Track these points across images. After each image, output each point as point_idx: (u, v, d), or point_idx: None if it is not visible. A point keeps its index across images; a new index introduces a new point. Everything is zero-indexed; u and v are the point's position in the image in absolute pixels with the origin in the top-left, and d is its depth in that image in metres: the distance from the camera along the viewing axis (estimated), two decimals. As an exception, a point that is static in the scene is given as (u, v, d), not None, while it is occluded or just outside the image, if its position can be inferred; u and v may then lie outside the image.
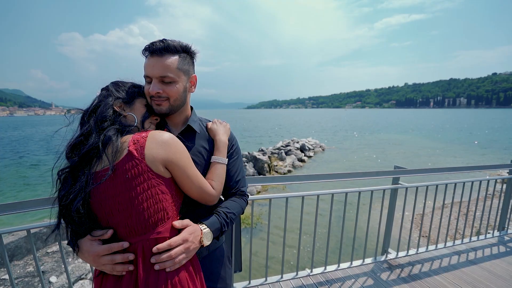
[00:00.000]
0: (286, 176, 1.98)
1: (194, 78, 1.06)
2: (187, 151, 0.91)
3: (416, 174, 2.41)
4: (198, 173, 0.93)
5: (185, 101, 1.04)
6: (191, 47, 1.02)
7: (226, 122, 1.21)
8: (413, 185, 2.47)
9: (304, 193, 2.08)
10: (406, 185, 2.43)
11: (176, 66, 0.95)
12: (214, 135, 1.12)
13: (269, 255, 2.20)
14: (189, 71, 1.02)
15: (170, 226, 0.85)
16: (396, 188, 2.42)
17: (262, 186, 11.76)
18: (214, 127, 1.14)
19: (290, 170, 14.75)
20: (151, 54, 0.94)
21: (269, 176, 1.92)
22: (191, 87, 1.07)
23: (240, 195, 1.15)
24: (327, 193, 2.15)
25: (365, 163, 15.84)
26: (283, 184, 1.96)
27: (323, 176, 2.08)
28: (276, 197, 1.99)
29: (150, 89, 0.94)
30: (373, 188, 2.34)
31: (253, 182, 1.89)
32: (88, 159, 0.79)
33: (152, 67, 0.93)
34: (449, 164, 14.83)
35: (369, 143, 25.50)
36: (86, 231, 0.81)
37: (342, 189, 2.20)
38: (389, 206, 2.54)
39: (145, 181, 0.79)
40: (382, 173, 2.33)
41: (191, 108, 1.15)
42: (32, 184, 12.91)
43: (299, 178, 2.01)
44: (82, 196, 0.75)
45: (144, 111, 0.96)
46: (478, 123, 53.71)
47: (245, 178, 1.20)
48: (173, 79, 0.95)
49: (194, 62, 1.07)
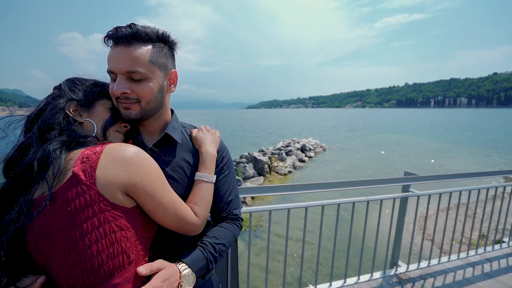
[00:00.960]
0: (286, 186, 1.78)
1: (174, 75, 0.85)
2: (159, 169, 0.70)
3: (429, 181, 2.21)
4: (174, 198, 0.72)
5: (162, 104, 0.83)
6: (169, 35, 0.80)
7: (215, 129, 1.00)
8: (425, 193, 2.27)
9: (308, 203, 1.88)
10: (418, 192, 2.23)
11: (148, 58, 0.74)
12: (199, 146, 0.90)
13: (268, 267, 2.00)
14: (167, 65, 0.81)
15: (133, 274, 0.62)
16: (407, 196, 2.22)
17: (262, 187, 11.58)
18: (199, 135, 0.92)
19: (290, 171, 14.55)
20: (115, 42, 0.73)
21: (266, 186, 1.72)
22: (171, 86, 0.85)
23: (232, 220, 0.94)
24: (333, 203, 1.95)
25: (367, 164, 15.64)
26: (283, 194, 1.76)
27: (328, 185, 1.88)
28: (277, 208, 1.79)
29: (114, 88, 0.73)
30: (383, 196, 2.14)
31: (248, 192, 1.69)
32: (25, 181, 0.58)
33: (117, 59, 0.72)
34: (454, 166, 14.61)
35: (370, 143, 25.29)
36: (13, 279, 0.59)
37: (349, 199, 2.00)
38: (399, 216, 2.34)
39: (95, 215, 0.57)
40: (392, 180, 2.13)
41: (172, 111, 0.93)
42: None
43: (301, 188, 1.81)
44: (10, 232, 0.54)
45: (107, 117, 0.75)
46: (479, 123, 53.46)
47: (238, 198, 0.99)
48: (144, 75, 0.74)
49: (175, 55, 0.86)
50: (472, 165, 14.28)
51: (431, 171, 13.41)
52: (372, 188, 2.05)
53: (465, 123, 55.88)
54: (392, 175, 12.89)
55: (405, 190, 2.30)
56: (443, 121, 64.08)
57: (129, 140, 0.80)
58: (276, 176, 13.75)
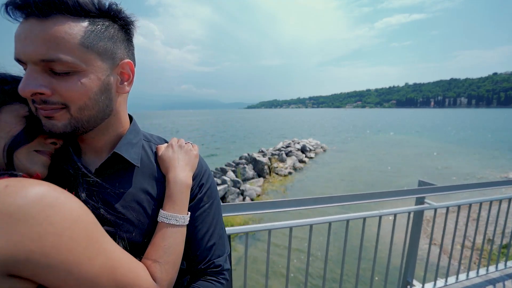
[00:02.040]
0: (287, 201, 1.52)
1: (129, 67, 0.58)
2: (86, 220, 0.44)
3: (448, 192, 1.96)
4: (114, 261, 0.46)
5: (108, 110, 0.57)
6: (121, 9, 0.55)
7: (192, 144, 0.73)
8: (443, 205, 2.01)
9: (313, 220, 1.63)
10: (435, 205, 1.97)
11: (78, 40, 0.48)
12: (166, 170, 0.64)
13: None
14: (114, 53, 0.54)
15: None
16: (423, 209, 1.96)
17: (261, 189, 11.34)
18: (167, 155, 0.66)
19: (290, 172, 14.31)
20: (26, 15, 0.47)
21: (265, 201, 1.47)
22: (123, 84, 0.58)
23: (214, 275, 0.67)
24: (342, 219, 1.69)
25: (370, 166, 15.39)
26: (279, 211, 1.50)
27: (335, 199, 1.63)
28: (277, 227, 1.53)
29: (21, 86, 0.47)
30: (397, 210, 1.88)
31: (242, 209, 1.45)
32: None
33: (25, 40, 0.46)
34: (463, 168, 14.36)
35: (372, 144, 25.03)
36: None
37: (360, 213, 1.74)
38: (413, 230, 2.08)
39: None
40: (407, 192, 1.87)
41: (131, 119, 0.67)
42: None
43: (306, 203, 1.55)
44: None
45: (17, 130, 0.50)
46: (481, 123, 53.20)
47: (224, 240, 0.72)
48: (72, 66, 0.47)
49: (132, 39, 0.60)
50: (482, 168, 14.00)
51: (438, 174, 13.16)
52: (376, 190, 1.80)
53: (466, 123, 55.62)
54: (396, 177, 12.64)
55: (420, 201, 2.05)
56: (444, 121, 63.83)
57: (36, 172, 0.51)
58: (276, 177, 13.51)
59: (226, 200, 9.65)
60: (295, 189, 11.31)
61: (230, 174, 11.68)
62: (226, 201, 9.63)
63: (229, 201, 9.62)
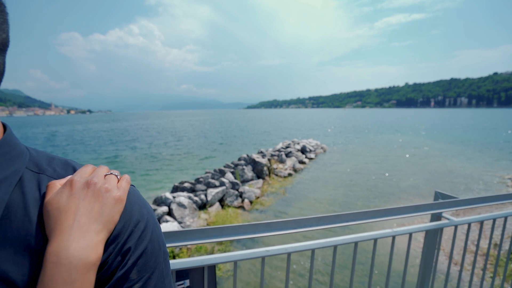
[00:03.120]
0: (286, 221, 1.26)
1: None
2: None
3: (472, 205, 1.70)
4: None
5: None
6: None
7: (119, 177, 0.48)
8: (464, 220, 1.75)
9: (315, 242, 1.36)
10: (456, 220, 1.71)
11: None
12: (49, 232, 0.37)
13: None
14: None
15: None
16: (442, 226, 1.70)
17: (261, 191, 11.08)
18: (57, 202, 0.38)
19: (290, 173, 14.06)
20: None
21: (260, 223, 1.21)
22: None
23: None
24: (350, 241, 1.43)
25: (371, 167, 15.13)
26: (274, 234, 1.25)
27: (341, 218, 1.37)
28: (272, 253, 1.27)
29: None
30: (413, 228, 1.62)
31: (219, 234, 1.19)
32: None
33: None
34: (467, 170, 14.09)
35: (372, 144, 24.78)
36: None
37: (370, 233, 1.48)
38: (427, 251, 1.82)
39: None
40: (423, 207, 1.61)
41: (4, 129, 0.40)
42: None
43: (304, 223, 1.30)
44: None
45: None
46: (482, 123, 52.93)
47: None
48: None
49: (6, 17, 0.37)
50: (495, 170, 13.73)
51: (442, 176, 12.90)
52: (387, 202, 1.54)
53: (469, 123, 55.33)
54: (398, 179, 12.38)
55: (437, 216, 1.79)
56: (445, 121, 63.54)
57: None
58: (276, 178, 13.27)
59: (225, 203, 9.39)
60: (295, 191, 11.05)
61: (228, 176, 11.43)
62: (225, 203, 9.37)
63: (228, 204, 9.36)
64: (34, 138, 36.71)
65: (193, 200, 8.42)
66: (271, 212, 8.74)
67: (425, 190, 10.54)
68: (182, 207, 7.69)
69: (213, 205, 8.98)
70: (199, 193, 9.16)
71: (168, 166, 16.66)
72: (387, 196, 10.04)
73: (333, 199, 9.83)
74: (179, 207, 7.62)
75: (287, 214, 8.40)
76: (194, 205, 8.13)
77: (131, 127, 59.38)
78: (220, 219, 7.80)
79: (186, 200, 7.96)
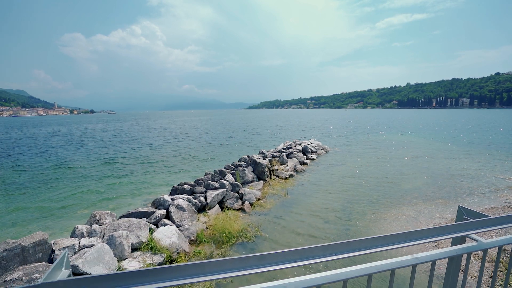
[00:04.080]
0: (279, 253, 1.03)
1: None
2: None
3: (508, 224, 1.46)
4: None
5: None
6: None
7: None
8: (496, 242, 1.51)
9: (320, 275, 1.13)
10: (485, 242, 1.47)
11: None
12: None
13: None
14: None
15: None
16: (469, 251, 1.46)
17: (261, 193, 10.84)
18: None
19: (292, 175, 13.84)
20: None
21: (251, 255, 0.99)
22: None
23: None
24: (363, 274, 1.20)
25: (375, 169, 14.86)
26: (270, 270, 1.02)
27: (353, 245, 1.14)
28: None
29: None
30: (435, 253, 1.38)
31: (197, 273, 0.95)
32: None
33: None
34: (471, 172, 13.80)
35: (374, 145, 24.49)
36: None
37: (386, 262, 1.25)
38: (451, 278, 1.57)
39: None
40: (449, 228, 1.38)
41: None
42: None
43: (308, 254, 1.07)
44: None
45: None
46: (484, 124, 52.47)
47: None
48: None
49: None
50: (499, 172, 13.43)
51: (447, 178, 12.62)
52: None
53: (472, 123, 54.86)
54: (404, 181, 12.11)
55: (461, 237, 1.55)
56: (447, 121, 63.07)
57: None
58: (277, 180, 13.06)
59: (224, 205, 9.15)
60: (296, 193, 10.81)
61: (229, 177, 11.20)
62: (224, 205, 9.13)
63: (228, 206, 9.12)
64: (34, 138, 36.64)
65: (192, 203, 8.20)
66: (271, 215, 8.51)
67: (429, 193, 10.28)
68: (180, 209, 7.47)
69: (212, 208, 8.76)
70: (199, 195, 8.94)
71: (168, 168, 16.47)
72: (391, 199, 9.79)
73: (335, 202, 9.59)
74: (177, 210, 7.40)
75: (285, 220, 8.17)
76: (193, 208, 7.91)
77: (132, 127, 59.34)
78: (220, 222, 7.57)
79: (185, 202, 7.75)
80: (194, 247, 6.70)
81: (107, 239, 5.26)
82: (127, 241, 5.38)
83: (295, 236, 7.15)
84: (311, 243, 6.73)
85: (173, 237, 6.14)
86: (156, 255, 5.63)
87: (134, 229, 5.82)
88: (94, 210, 8.72)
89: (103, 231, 5.67)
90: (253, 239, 7.11)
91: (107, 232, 5.60)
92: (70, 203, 10.34)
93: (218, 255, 6.33)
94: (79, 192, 11.68)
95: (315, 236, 7.07)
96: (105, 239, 5.32)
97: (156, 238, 5.90)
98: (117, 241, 5.22)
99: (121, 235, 5.32)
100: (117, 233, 5.31)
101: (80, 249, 5.00)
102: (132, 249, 5.60)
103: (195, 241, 6.90)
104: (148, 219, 6.85)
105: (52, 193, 11.69)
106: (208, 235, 7.12)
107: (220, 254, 6.37)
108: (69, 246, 4.87)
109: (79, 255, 4.48)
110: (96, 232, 5.52)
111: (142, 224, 6.03)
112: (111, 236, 5.25)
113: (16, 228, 8.34)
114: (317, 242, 6.72)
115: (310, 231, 7.40)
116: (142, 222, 6.14)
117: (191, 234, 6.88)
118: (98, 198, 11.00)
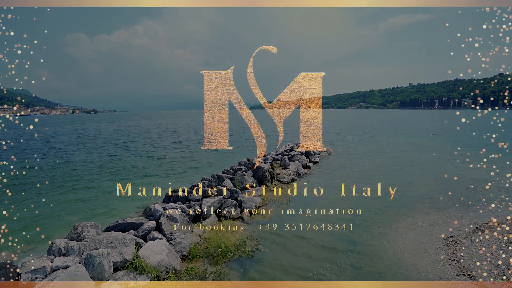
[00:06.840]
0: None
1: None
2: None
3: None
4: None
5: None
6: None
7: None
8: None
9: None
10: None
11: None
12: None
13: None
14: None
15: None
16: None
17: (262, 199, 10.18)
18: None
19: (294, 179, 13.18)
20: None
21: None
22: None
23: None
24: None
25: (381, 173, 14.17)
26: None
27: None
28: None
29: None
30: None
31: None
32: None
33: None
34: (483, 176, 13.07)
35: (378, 147, 23.79)
36: None
37: None
38: None
39: None
40: None
41: None
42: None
43: None
44: None
45: None
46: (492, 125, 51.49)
47: None
48: None
49: None
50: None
51: (453, 182, 11.89)
52: None
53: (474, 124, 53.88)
54: (413, 186, 11.41)
55: None
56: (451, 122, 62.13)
57: None
58: (278, 185, 12.41)
59: (222, 214, 8.51)
60: (299, 200, 10.13)
61: (227, 182, 10.56)
62: (222, 214, 8.49)
63: (225, 215, 8.48)
64: (35, 138, 36.13)
65: (186, 212, 7.56)
66: (272, 226, 7.82)
67: (441, 200, 9.58)
68: (172, 220, 6.83)
69: (208, 217, 8.10)
70: (194, 203, 8.28)
71: (165, 171, 15.85)
72: (400, 207, 9.11)
73: (340, 211, 8.88)
74: (169, 221, 6.76)
75: (287, 233, 7.50)
76: (186, 218, 7.26)
77: (133, 127, 58.82)
78: (215, 235, 6.91)
79: (178, 212, 7.09)
80: (186, 263, 6.05)
81: (84, 259, 4.62)
82: (108, 260, 4.74)
83: (296, 253, 6.47)
84: (314, 264, 6.04)
85: (163, 253, 5.49)
86: (142, 275, 4.98)
87: (117, 245, 5.17)
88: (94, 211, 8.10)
89: (82, 248, 5.03)
90: (252, 254, 6.46)
91: (86, 250, 4.96)
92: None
93: (212, 274, 5.67)
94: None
95: (318, 257, 6.33)
96: (82, 258, 4.68)
97: (143, 255, 5.25)
98: (96, 261, 4.57)
99: (101, 253, 4.67)
100: (96, 252, 4.66)
101: (52, 271, 4.36)
102: (115, 269, 4.96)
103: (187, 256, 6.25)
104: (136, 231, 6.21)
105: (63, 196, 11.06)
106: (202, 249, 6.47)
107: (215, 272, 5.71)
108: (39, 269, 4.22)
109: (45, 283, 3.84)
110: (74, 249, 4.88)
111: (127, 240, 5.38)
112: (89, 256, 4.61)
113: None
114: (320, 263, 6.04)
115: (313, 247, 6.71)
116: (128, 237, 5.50)
117: (183, 248, 6.23)
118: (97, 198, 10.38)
